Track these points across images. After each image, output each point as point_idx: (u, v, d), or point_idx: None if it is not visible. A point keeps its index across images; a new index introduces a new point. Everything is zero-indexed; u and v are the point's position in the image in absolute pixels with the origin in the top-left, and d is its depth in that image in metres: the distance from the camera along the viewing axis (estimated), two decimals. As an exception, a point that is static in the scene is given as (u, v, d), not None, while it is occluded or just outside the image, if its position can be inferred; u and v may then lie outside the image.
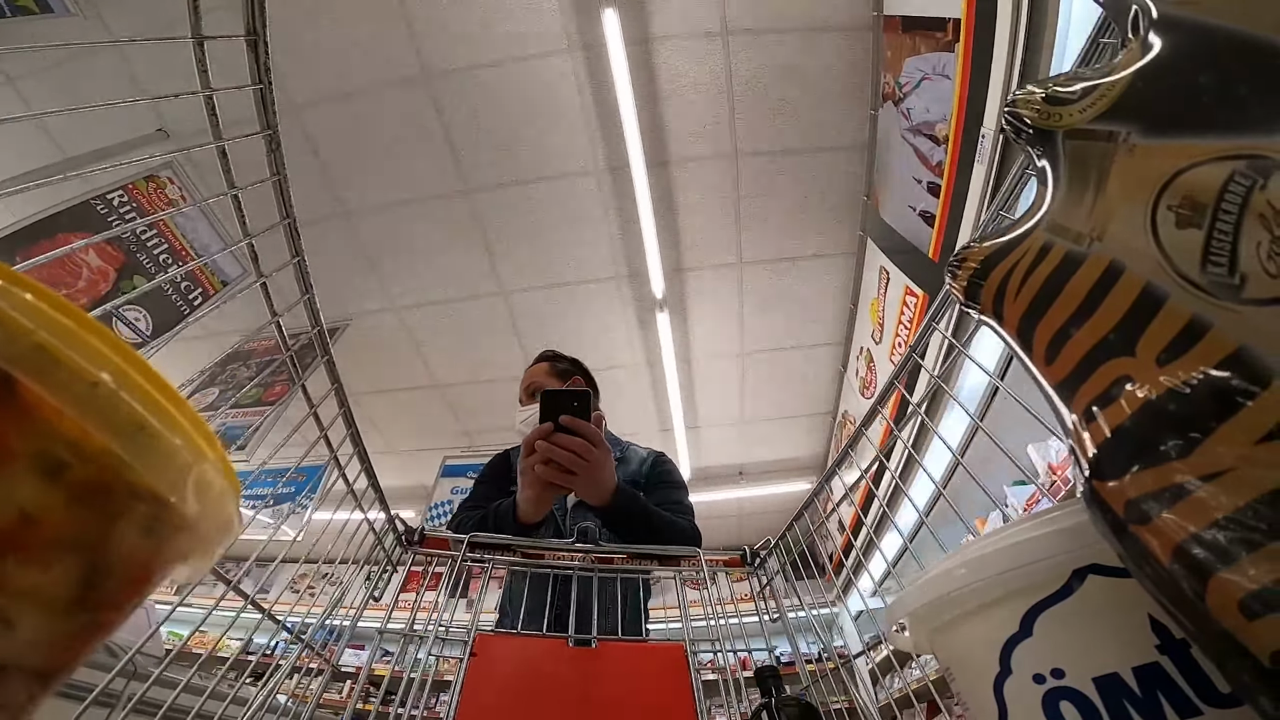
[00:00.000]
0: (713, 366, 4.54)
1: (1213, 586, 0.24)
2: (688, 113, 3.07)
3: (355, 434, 0.95)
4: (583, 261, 3.81)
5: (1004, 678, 0.36)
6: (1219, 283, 0.28)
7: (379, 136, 3.17)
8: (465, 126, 3.14)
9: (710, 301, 4.06)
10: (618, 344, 4.34)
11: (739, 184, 3.38)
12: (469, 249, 3.71)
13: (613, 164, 3.28)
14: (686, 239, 3.66)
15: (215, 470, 0.20)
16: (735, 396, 4.85)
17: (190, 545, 0.20)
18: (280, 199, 0.75)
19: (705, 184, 3.39)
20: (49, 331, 0.15)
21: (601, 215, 3.54)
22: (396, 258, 3.76)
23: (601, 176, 3.36)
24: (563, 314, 4.14)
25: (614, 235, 3.66)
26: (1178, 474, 0.26)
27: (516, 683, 0.82)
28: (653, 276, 3.75)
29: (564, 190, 3.43)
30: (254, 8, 0.64)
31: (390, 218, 3.54)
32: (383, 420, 4.95)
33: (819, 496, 1.12)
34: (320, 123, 3.11)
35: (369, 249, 3.70)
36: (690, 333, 4.26)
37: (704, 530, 1.28)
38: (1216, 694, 0.29)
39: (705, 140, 3.19)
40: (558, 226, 3.61)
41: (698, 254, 3.75)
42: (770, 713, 0.65)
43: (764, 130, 3.14)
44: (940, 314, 0.77)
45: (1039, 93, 0.41)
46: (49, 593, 0.16)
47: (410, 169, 3.31)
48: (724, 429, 5.17)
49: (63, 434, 0.15)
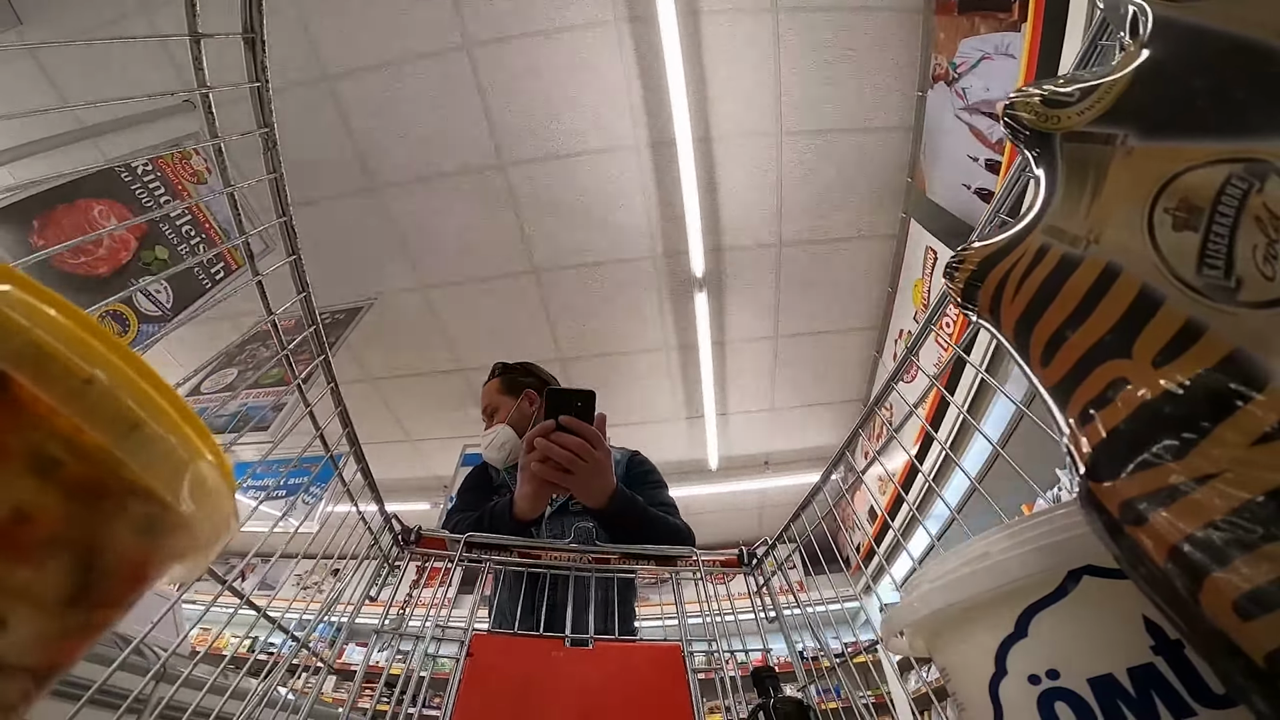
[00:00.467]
0: (745, 350, 4.46)
1: (1207, 587, 0.24)
2: (734, 89, 3.03)
3: (351, 434, 0.94)
4: (618, 240, 3.73)
5: (999, 679, 0.36)
6: (1215, 285, 0.28)
7: (416, 108, 3.10)
8: (504, 97, 3.07)
9: (747, 283, 3.98)
10: (648, 326, 4.27)
11: (781, 163, 3.33)
12: (501, 226, 3.62)
13: (654, 140, 3.22)
14: (725, 218, 3.60)
15: (211, 468, 0.20)
16: (766, 382, 4.75)
17: (186, 544, 0.20)
18: (277, 198, 0.75)
19: (746, 161, 3.34)
20: (43, 328, 0.15)
21: (640, 192, 3.47)
22: (426, 235, 3.67)
23: (642, 152, 3.29)
24: (594, 294, 4.06)
25: (651, 213, 3.58)
26: (1173, 475, 0.26)
27: (513, 683, 0.82)
28: (693, 255, 3.68)
29: (602, 165, 3.36)
30: (251, 6, 0.64)
31: (423, 192, 3.45)
32: (402, 407, 4.86)
33: (827, 486, 1.11)
34: (355, 93, 3.03)
35: (399, 225, 3.61)
36: (725, 315, 4.18)
37: (724, 523, 1.28)
38: (1211, 695, 0.30)
39: (749, 117, 3.15)
40: (594, 203, 3.54)
41: (736, 234, 3.69)
42: (767, 713, 0.65)
43: (809, 109, 3.11)
44: (938, 314, 0.77)
45: (1037, 95, 0.41)
46: (43, 591, 0.16)
47: (445, 143, 3.23)
48: (751, 416, 5.08)
49: (57, 431, 0.15)
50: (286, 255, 0.77)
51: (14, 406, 0.14)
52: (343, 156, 3.25)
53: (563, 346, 4.41)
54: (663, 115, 3.07)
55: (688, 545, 1.12)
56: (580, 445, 0.99)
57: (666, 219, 3.62)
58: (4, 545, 0.14)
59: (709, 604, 1.02)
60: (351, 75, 2.97)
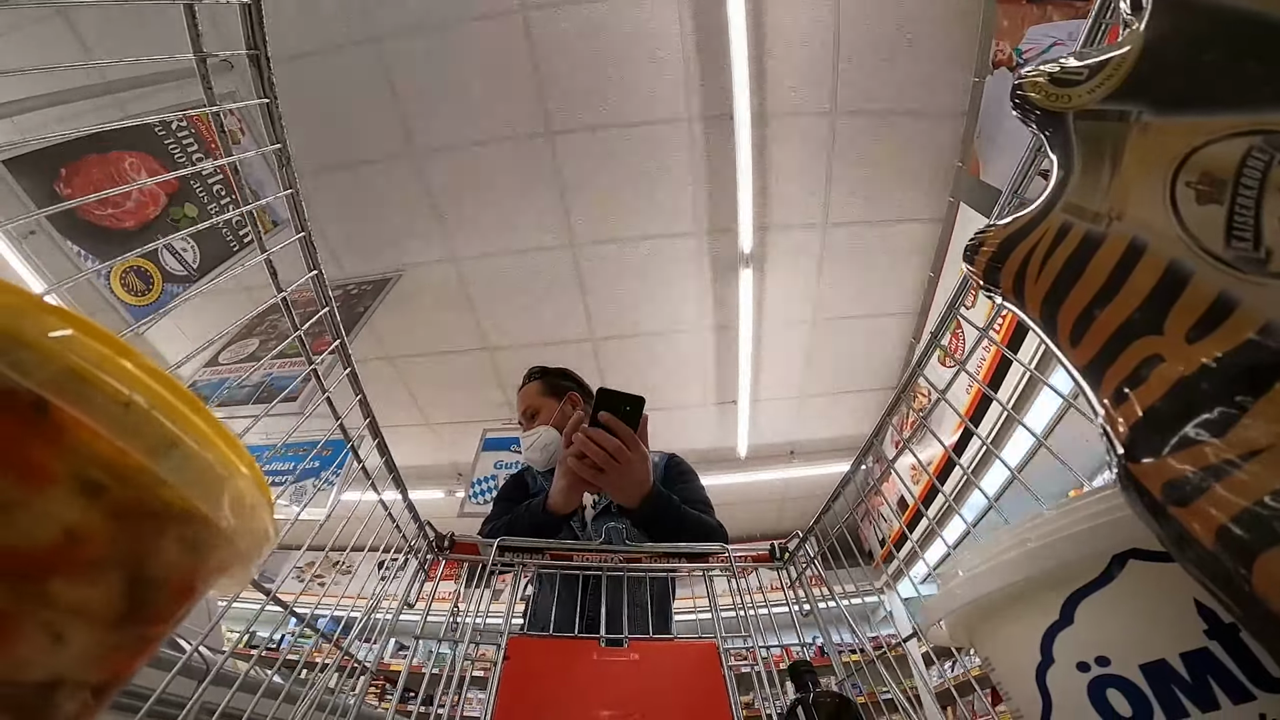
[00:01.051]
0: (782, 332, 4.30)
1: (1259, 568, 0.23)
2: (791, 66, 2.96)
3: (374, 424, 0.93)
4: (662, 215, 3.60)
5: (1046, 667, 0.36)
6: (1245, 257, 0.28)
7: (462, 70, 2.99)
8: (555, 61, 2.95)
9: (790, 264, 3.85)
10: (687, 305, 4.13)
11: (834, 142, 3.24)
12: (542, 196, 3.49)
13: (707, 113, 3.11)
14: (774, 196, 3.49)
15: (249, 484, 0.21)
16: (798, 367, 4.58)
17: (229, 557, 0.21)
18: (283, 172, 0.73)
19: (799, 140, 3.24)
20: (79, 354, 0.15)
21: (688, 167, 3.35)
22: (463, 203, 3.53)
23: (694, 125, 3.17)
24: (632, 271, 3.90)
25: (698, 189, 3.47)
26: (1215, 453, 0.26)
27: (550, 684, 0.82)
28: (742, 232, 3.56)
29: (652, 138, 3.24)
30: (253, 21, 0.64)
31: (463, 158, 3.32)
32: (422, 390, 4.70)
33: (856, 478, 1.10)
34: (400, 54, 2.92)
35: (435, 192, 3.46)
36: (766, 294, 4.03)
37: (743, 515, 1.27)
38: (1270, 678, 0.29)
39: (804, 94, 3.07)
40: (639, 177, 3.42)
41: (783, 212, 3.58)
42: (806, 708, 0.65)
43: (864, 89, 3.03)
44: (960, 298, 0.76)
45: (1045, 74, 0.40)
46: (97, 608, 0.16)
47: (491, 106, 3.12)
48: (780, 404, 4.91)
49: (99, 455, 0.16)
50: (295, 231, 0.75)
51: (56, 431, 0.15)
52: (385, 120, 3.15)
53: (595, 326, 4.24)
54: (720, 84, 2.97)
55: (721, 542, 1.12)
56: (615, 446, 1.00)
57: (715, 196, 3.50)
58: (58, 565, 0.15)
59: (741, 598, 1.02)
60: (400, 35, 2.87)
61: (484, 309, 4.11)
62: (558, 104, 3.12)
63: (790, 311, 4.16)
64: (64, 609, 0.15)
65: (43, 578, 0.15)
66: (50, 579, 0.15)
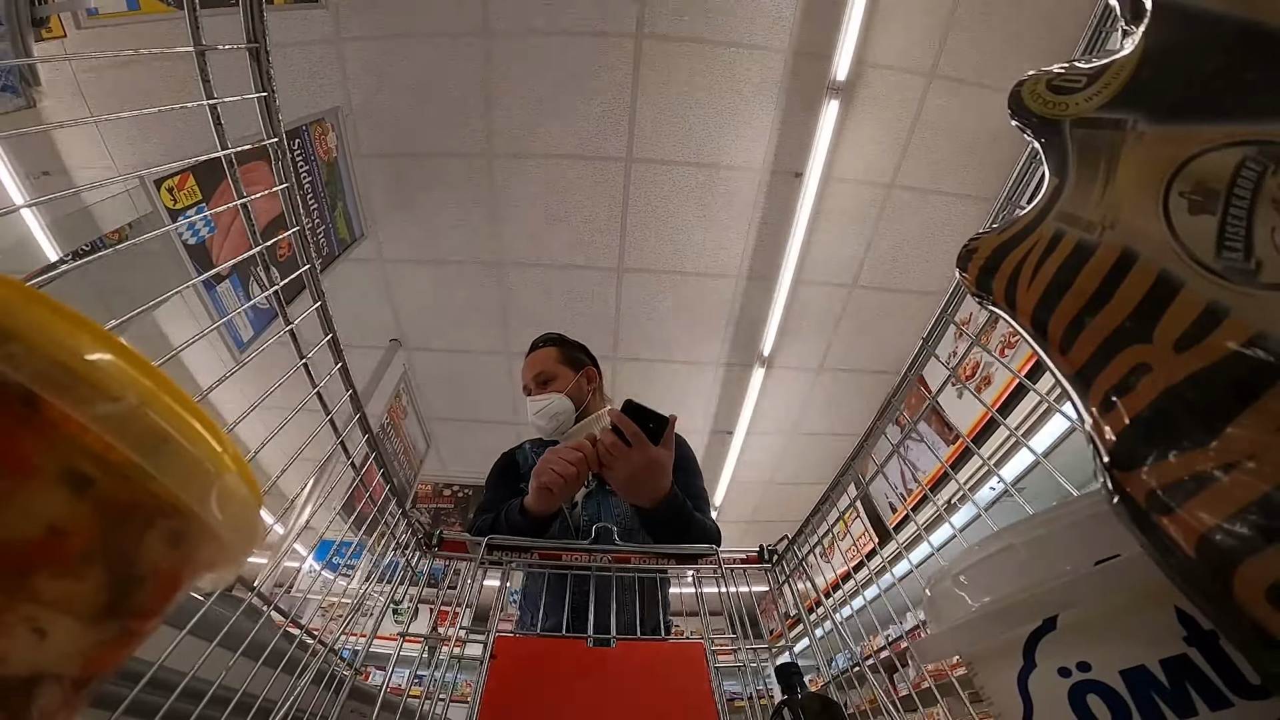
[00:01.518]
0: (785, 378, 4.29)
1: (1239, 576, 0.24)
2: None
3: (373, 439, 0.95)
4: (709, 256, 3.55)
5: (1028, 672, 0.36)
6: (1235, 268, 0.28)
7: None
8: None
9: (811, 321, 3.85)
10: (710, 343, 4.13)
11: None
12: (606, 214, 3.43)
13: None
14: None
15: (238, 481, 0.20)
16: (797, 411, 4.57)
17: (216, 554, 0.21)
18: (290, 208, 0.74)
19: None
20: (70, 348, 0.15)
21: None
22: (513, 208, 3.45)
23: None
24: (666, 302, 3.85)
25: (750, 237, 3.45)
26: (1200, 462, 0.26)
27: (537, 684, 0.82)
28: (779, 289, 3.58)
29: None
30: (253, 14, 0.64)
31: (534, 167, 3.25)
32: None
33: (845, 480, 1.10)
34: None
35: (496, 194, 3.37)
36: (783, 340, 3.99)
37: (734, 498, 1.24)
38: (1248, 686, 0.29)
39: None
40: (696, 210, 3.39)
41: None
42: (792, 709, 0.65)
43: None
44: (951, 306, 0.76)
45: (1043, 82, 0.41)
46: (80, 603, 0.16)
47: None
48: (768, 438, 4.89)
49: (87, 449, 0.15)
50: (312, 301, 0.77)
51: (44, 426, 0.15)
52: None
53: (621, 347, 4.22)
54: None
55: (714, 544, 1.12)
56: (614, 444, 1.01)
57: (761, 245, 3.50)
58: (41, 560, 0.15)
59: (730, 601, 1.02)
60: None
61: (514, 314, 4.11)
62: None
63: (802, 358, 4.18)
64: (48, 603, 0.15)
65: (27, 571, 0.15)
66: (35, 573, 0.15)
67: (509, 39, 2.94)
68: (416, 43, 2.91)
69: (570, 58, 3.00)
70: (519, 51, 2.98)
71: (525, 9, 2.81)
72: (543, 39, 2.94)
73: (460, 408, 4.75)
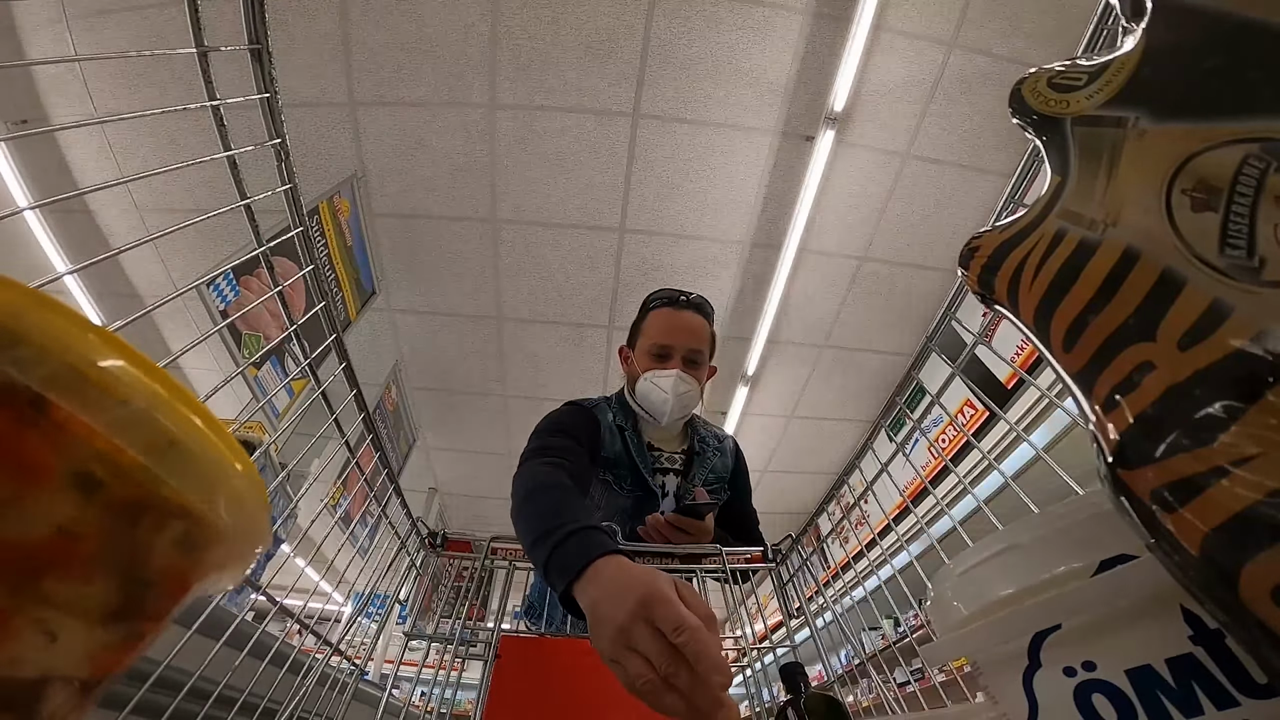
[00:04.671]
0: (755, 423, 4.41)
1: (1245, 575, 0.24)
2: None
3: (376, 439, 0.96)
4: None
5: (1033, 671, 0.36)
6: (1238, 265, 0.28)
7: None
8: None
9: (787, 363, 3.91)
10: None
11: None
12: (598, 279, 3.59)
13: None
14: None
15: (245, 483, 0.21)
16: (766, 451, 4.65)
17: (224, 556, 0.21)
18: (292, 207, 0.74)
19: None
20: (78, 351, 0.15)
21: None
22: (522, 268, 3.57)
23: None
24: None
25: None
26: (1204, 460, 0.26)
27: (541, 684, 0.82)
28: (754, 346, 3.71)
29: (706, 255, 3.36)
30: (255, 15, 0.64)
31: (542, 230, 3.36)
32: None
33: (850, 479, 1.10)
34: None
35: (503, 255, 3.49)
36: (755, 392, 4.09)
37: None
38: (1254, 685, 0.29)
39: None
40: (687, 276, 3.48)
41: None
42: (796, 709, 0.65)
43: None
44: (957, 303, 0.76)
45: (1044, 79, 0.40)
46: (89, 605, 0.16)
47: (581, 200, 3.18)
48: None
49: (96, 451, 0.15)
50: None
51: (53, 429, 0.15)
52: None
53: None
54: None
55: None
56: (676, 535, 1.10)
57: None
58: (51, 562, 0.15)
59: (735, 599, 1.02)
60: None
61: (510, 363, 4.18)
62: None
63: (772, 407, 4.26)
64: (57, 606, 0.15)
65: (37, 574, 0.15)
66: (44, 576, 0.15)
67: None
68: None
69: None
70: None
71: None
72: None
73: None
